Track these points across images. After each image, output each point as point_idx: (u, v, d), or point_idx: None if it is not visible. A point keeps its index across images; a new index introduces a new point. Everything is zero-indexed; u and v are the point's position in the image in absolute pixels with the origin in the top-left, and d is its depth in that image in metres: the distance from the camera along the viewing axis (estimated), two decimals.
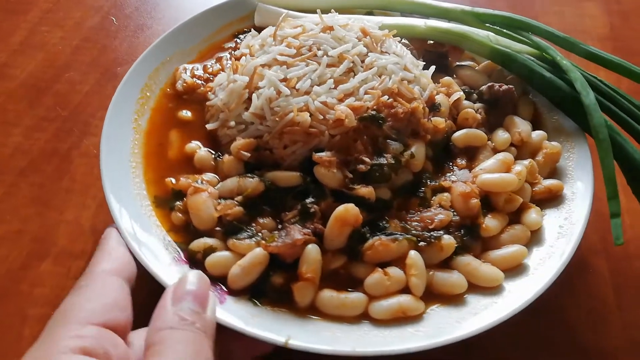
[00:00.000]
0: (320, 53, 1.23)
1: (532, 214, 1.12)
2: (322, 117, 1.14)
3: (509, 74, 1.38)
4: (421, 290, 1.01)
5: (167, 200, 1.15)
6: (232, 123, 1.21)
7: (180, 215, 1.12)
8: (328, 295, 1.00)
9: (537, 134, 1.24)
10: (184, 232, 1.11)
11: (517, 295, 0.99)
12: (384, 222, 1.08)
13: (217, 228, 1.08)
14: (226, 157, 1.17)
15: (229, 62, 1.38)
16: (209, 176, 1.17)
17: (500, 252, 1.07)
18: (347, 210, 1.03)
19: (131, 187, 1.14)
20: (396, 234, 1.06)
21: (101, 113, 1.32)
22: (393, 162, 1.12)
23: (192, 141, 1.25)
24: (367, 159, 1.11)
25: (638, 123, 1.21)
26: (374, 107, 1.16)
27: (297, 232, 1.03)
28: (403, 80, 1.23)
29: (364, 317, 1.00)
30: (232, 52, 1.45)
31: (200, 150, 1.22)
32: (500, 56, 1.35)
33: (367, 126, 1.15)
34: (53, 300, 1.12)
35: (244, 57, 1.29)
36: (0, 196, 1.30)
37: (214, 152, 1.23)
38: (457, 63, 1.44)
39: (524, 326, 1.06)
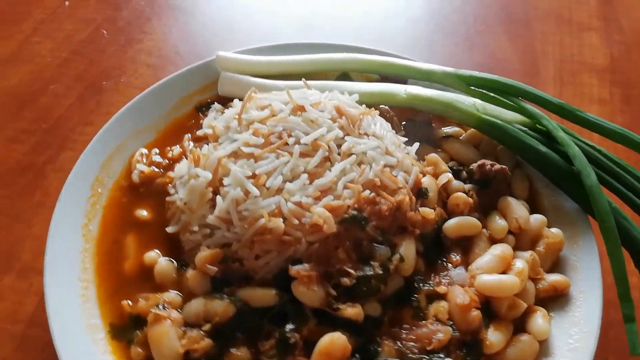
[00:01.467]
0: (291, 140, 1.08)
1: (539, 320, 1.00)
2: (297, 221, 1.00)
3: (497, 144, 1.26)
4: None
5: (125, 330, 0.99)
6: (196, 227, 1.06)
7: (140, 350, 0.96)
8: None
9: (536, 219, 1.12)
10: None
11: None
12: (376, 346, 0.94)
13: None
14: (190, 272, 1.02)
15: (190, 146, 1.23)
16: (172, 295, 1.02)
17: None
18: (333, 342, 0.90)
19: (81, 319, 0.98)
20: None
21: (81, 128, 1.42)
22: (381, 272, 0.98)
23: (151, 250, 1.09)
24: (351, 271, 0.97)
25: None
26: (355, 205, 1.02)
27: None
28: (386, 166, 1.09)
29: None
30: (195, 131, 1.29)
31: (160, 261, 1.06)
32: (488, 127, 1.23)
33: (349, 229, 1.01)
34: (10, 315, 1.11)
35: (205, 146, 1.14)
36: None
37: (175, 261, 1.07)
38: (444, 130, 1.31)
39: None
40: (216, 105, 1.30)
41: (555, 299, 1.05)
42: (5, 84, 1.55)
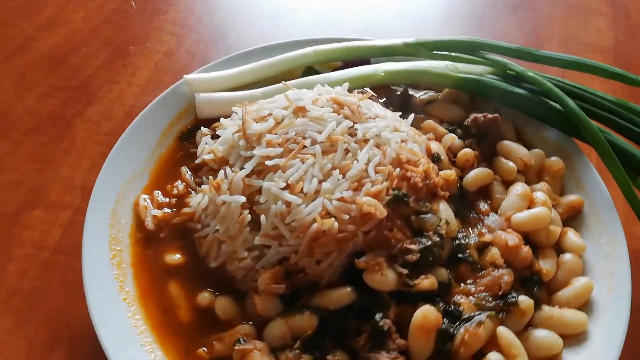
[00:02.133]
0: (308, 142, 1.08)
1: (573, 238, 1.11)
2: (346, 216, 1.01)
3: (474, 96, 1.35)
4: None
5: None
6: (244, 253, 1.03)
7: None
8: None
9: (535, 154, 1.23)
10: None
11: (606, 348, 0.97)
12: (457, 307, 0.99)
13: None
14: (256, 297, 0.99)
15: (190, 175, 1.19)
16: (245, 327, 0.99)
17: (568, 291, 1.04)
18: (426, 316, 0.93)
19: None
20: (476, 315, 0.98)
21: (108, 86, 1.60)
22: (437, 239, 1.03)
23: (199, 291, 1.04)
24: (413, 247, 1.01)
25: (619, 117, 1.25)
26: (392, 185, 1.06)
27: None
28: (401, 142, 1.14)
29: None
30: (188, 161, 1.24)
31: (219, 299, 1.02)
32: (466, 84, 1.32)
33: (395, 209, 1.04)
34: (38, 242, 1.26)
35: (222, 171, 1.10)
36: (6, 151, 1.45)
37: (232, 295, 1.04)
38: (422, 98, 1.38)
39: None
40: (203, 130, 1.25)
41: (575, 218, 1.17)
42: (41, 46, 1.72)
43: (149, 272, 1.07)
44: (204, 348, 0.97)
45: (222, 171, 1.10)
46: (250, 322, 1.00)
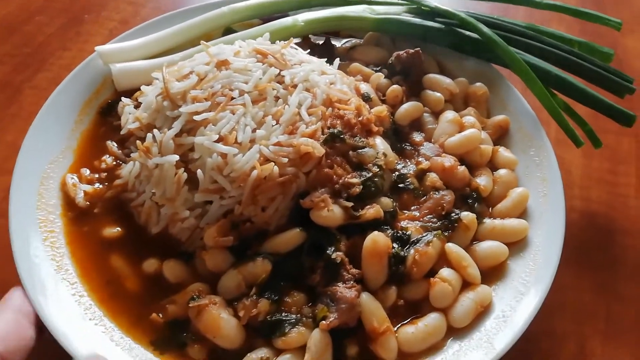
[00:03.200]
0: (235, 93, 1.06)
1: (504, 154, 1.16)
2: (285, 159, 1.00)
3: (394, 37, 1.37)
4: (479, 276, 0.98)
5: (169, 340, 0.92)
6: (186, 212, 1.00)
7: (199, 346, 0.90)
8: (410, 333, 0.91)
9: (459, 82, 1.27)
10: (214, 359, 0.90)
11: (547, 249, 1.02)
12: (405, 232, 1.01)
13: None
14: (205, 253, 0.96)
15: (117, 147, 1.14)
16: (196, 285, 0.96)
17: (506, 202, 1.09)
18: (376, 241, 0.94)
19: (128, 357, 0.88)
20: (424, 236, 1.00)
21: (59, 53, 1.60)
22: (378, 170, 1.04)
23: (145, 259, 1.00)
24: (354, 180, 1.01)
25: (531, 39, 1.30)
26: (327, 124, 1.06)
27: (345, 291, 0.90)
28: (330, 84, 1.14)
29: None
30: (113, 133, 1.18)
31: (166, 263, 0.98)
32: (385, 24, 1.33)
33: (332, 146, 1.04)
34: None
35: (149, 134, 1.05)
36: None
37: (179, 257, 1.00)
38: (344, 45, 1.38)
39: None
40: (124, 100, 1.19)
41: (504, 137, 1.22)
42: None
43: (88, 249, 1.01)
44: (158, 313, 0.94)
45: (149, 135, 1.05)
46: (201, 283, 0.97)
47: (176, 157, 1.00)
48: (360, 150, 1.06)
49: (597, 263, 1.19)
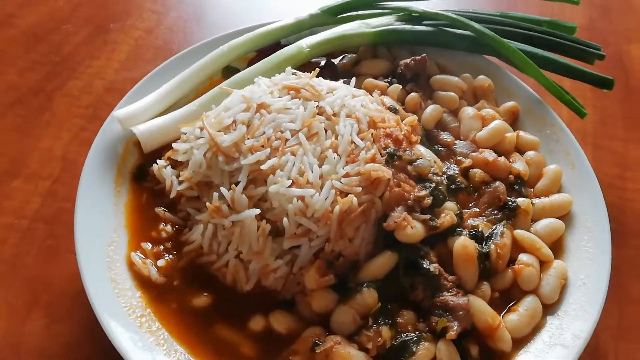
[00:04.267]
0: (287, 134, 1.07)
1: (525, 137, 1.27)
2: (359, 189, 1.03)
3: (388, 46, 1.43)
4: (552, 254, 1.08)
5: None
6: (277, 262, 1.00)
7: None
8: (516, 320, 1.00)
9: (465, 78, 1.36)
10: None
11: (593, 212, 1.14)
12: (477, 229, 1.08)
13: None
14: (311, 297, 0.98)
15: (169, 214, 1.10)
16: (312, 331, 0.97)
17: (545, 181, 1.20)
18: (465, 246, 1.01)
19: None
20: (495, 230, 1.08)
21: (88, 61, 1.63)
22: (438, 178, 1.11)
23: (246, 318, 0.99)
24: (423, 193, 1.07)
25: (516, 28, 1.42)
26: (383, 146, 1.10)
27: (455, 299, 0.97)
28: (362, 106, 1.17)
29: None
30: (157, 199, 1.14)
31: (272, 316, 0.99)
32: (383, 36, 1.39)
33: (393, 165, 1.09)
34: (18, 211, 1.29)
35: (215, 194, 1.03)
36: None
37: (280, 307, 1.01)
38: (343, 62, 1.42)
39: None
40: (160, 163, 1.15)
41: (516, 122, 1.33)
42: (22, 23, 1.73)
43: (185, 324, 0.99)
44: None
45: (215, 193, 1.03)
46: (312, 324, 0.99)
47: (257, 211, 0.99)
48: (416, 163, 1.12)
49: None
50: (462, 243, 1.01)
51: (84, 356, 1.05)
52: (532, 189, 1.21)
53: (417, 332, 0.96)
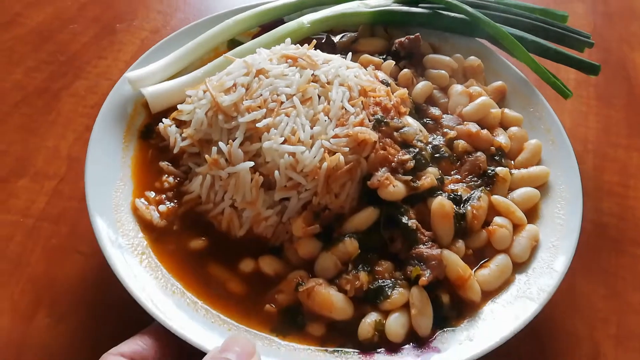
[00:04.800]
0: (283, 98, 1.16)
1: (510, 113, 1.34)
2: (346, 149, 1.12)
3: (385, 26, 1.52)
4: (525, 218, 1.16)
5: (287, 324, 1.01)
6: (268, 211, 1.09)
7: (316, 324, 1.01)
8: (487, 274, 1.08)
9: (457, 58, 1.44)
10: (334, 335, 1.01)
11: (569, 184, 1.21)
12: (456, 193, 1.16)
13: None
14: (297, 243, 1.06)
15: (172, 167, 1.20)
16: (297, 273, 1.06)
17: (525, 154, 1.27)
18: (443, 204, 1.09)
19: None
20: (472, 194, 1.16)
21: (95, 61, 1.66)
22: (422, 144, 1.19)
23: (237, 261, 1.08)
24: (406, 156, 1.15)
25: (507, 13, 1.50)
26: (371, 112, 1.18)
27: (429, 251, 1.05)
28: (355, 77, 1.26)
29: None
30: (161, 154, 1.23)
31: (261, 259, 1.07)
32: (381, 16, 1.47)
33: (380, 130, 1.17)
34: (23, 210, 1.31)
35: (214, 148, 1.12)
36: None
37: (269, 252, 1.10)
38: (343, 40, 1.50)
39: None
40: (165, 122, 1.24)
41: (503, 100, 1.40)
42: (29, 22, 1.76)
43: (182, 264, 1.08)
44: (270, 304, 1.03)
45: (214, 148, 1.12)
46: (298, 269, 1.07)
47: (251, 164, 1.08)
48: (402, 130, 1.20)
49: (609, 271, 1.28)
50: (440, 202, 1.09)
51: (88, 355, 1.03)
52: (513, 162, 1.29)
53: (393, 279, 1.04)
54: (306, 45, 1.29)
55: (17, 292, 1.16)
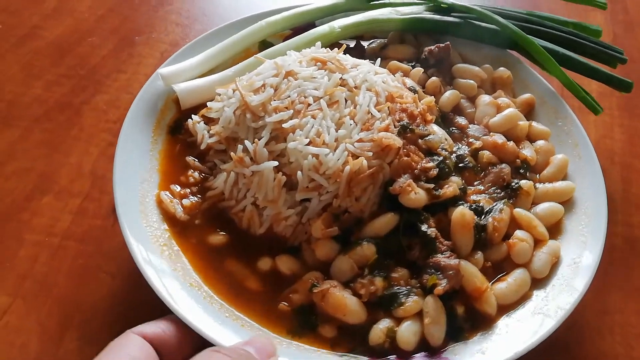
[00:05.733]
0: (310, 100, 1.17)
1: (537, 126, 1.33)
2: (370, 153, 1.12)
3: (416, 34, 1.52)
4: (547, 233, 1.14)
5: (301, 325, 1.02)
6: (288, 211, 1.10)
7: (328, 326, 1.02)
8: (504, 288, 1.07)
9: (486, 68, 1.43)
10: (345, 338, 1.02)
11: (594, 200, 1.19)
12: (478, 204, 1.16)
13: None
14: (315, 244, 1.07)
15: (198, 163, 1.23)
16: (313, 274, 1.07)
17: (551, 168, 1.26)
18: (464, 214, 1.09)
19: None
20: (495, 206, 1.15)
21: (114, 75, 1.63)
22: (447, 152, 1.19)
23: (255, 259, 1.10)
24: (430, 164, 1.15)
25: (541, 26, 1.48)
26: (397, 118, 1.19)
27: (447, 260, 1.04)
28: (383, 82, 1.27)
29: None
30: (189, 150, 1.26)
31: (279, 258, 1.09)
32: (411, 24, 1.48)
33: (405, 137, 1.17)
34: (48, 229, 1.28)
35: (239, 146, 1.14)
36: (16, 138, 1.46)
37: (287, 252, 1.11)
38: (372, 46, 1.51)
39: None
40: (194, 118, 1.27)
41: (532, 113, 1.39)
42: (48, 35, 1.74)
43: (201, 258, 1.10)
44: (284, 303, 1.04)
45: (240, 146, 1.14)
46: (313, 271, 1.08)
47: (275, 163, 1.10)
48: (427, 138, 1.20)
49: None
50: (461, 211, 1.09)
51: None
52: (538, 175, 1.27)
53: (408, 287, 1.04)
54: (336, 49, 1.30)
55: (45, 313, 1.14)
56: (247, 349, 0.85)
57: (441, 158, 1.17)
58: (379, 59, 1.38)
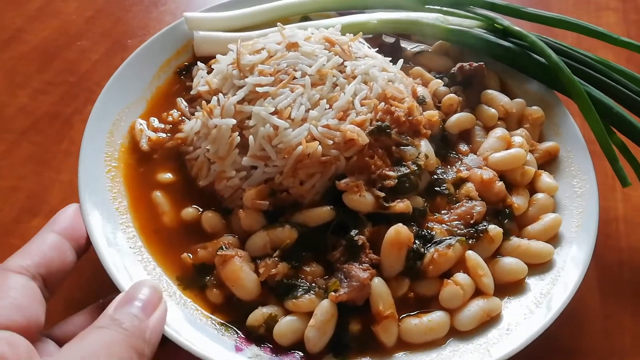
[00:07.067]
0: (298, 74, 1.14)
1: (546, 179, 1.17)
2: (330, 142, 1.07)
3: (462, 49, 1.40)
4: (492, 287, 1.00)
5: (194, 280, 1.01)
6: (232, 172, 1.09)
7: (217, 291, 0.99)
8: (412, 324, 0.96)
9: (517, 103, 1.28)
10: (229, 308, 0.98)
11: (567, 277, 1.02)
12: (430, 232, 1.05)
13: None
14: (241, 211, 1.05)
15: (185, 105, 1.25)
16: (228, 238, 1.05)
17: (538, 225, 1.10)
18: (399, 232, 0.99)
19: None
20: (446, 239, 1.03)
21: (106, 82, 1.27)
22: (416, 168, 1.09)
23: (187, 206, 1.10)
24: (391, 173, 1.06)
25: (602, 75, 1.29)
26: (376, 117, 1.11)
27: (359, 271, 0.96)
28: (388, 81, 1.19)
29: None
30: (184, 93, 1.29)
31: (206, 213, 1.08)
32: (455, 35, 1.37)
33: (377, 138, 1.10)
34: None
35: (215, 97, 1.15)
36: (0, 153, 1.33)
37: (218, 211, 1.09)
38: (412, 49, 1.43)
39: None
40: (199, 65, 1.30)
41: (551, 163, 1.22)
42: (32, 39, 1.60)
43: (140, 186, 1.13)
44: (188, 254, 1.03)
45: (215, 97, 1.15)
46: (233, 236, 1.06)
47: (233, 121, 1.09)
48: (403, 147, 1.11)
49: None
50: (397, 229, 0.99)
51: None
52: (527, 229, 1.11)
53: (313, 284, 0.98)
54: (351, 35, 1.25)
55: None
56: (133, 312, 0.81)
57: (407, 171, 1.07)
58: (401, 60, 1.30)
